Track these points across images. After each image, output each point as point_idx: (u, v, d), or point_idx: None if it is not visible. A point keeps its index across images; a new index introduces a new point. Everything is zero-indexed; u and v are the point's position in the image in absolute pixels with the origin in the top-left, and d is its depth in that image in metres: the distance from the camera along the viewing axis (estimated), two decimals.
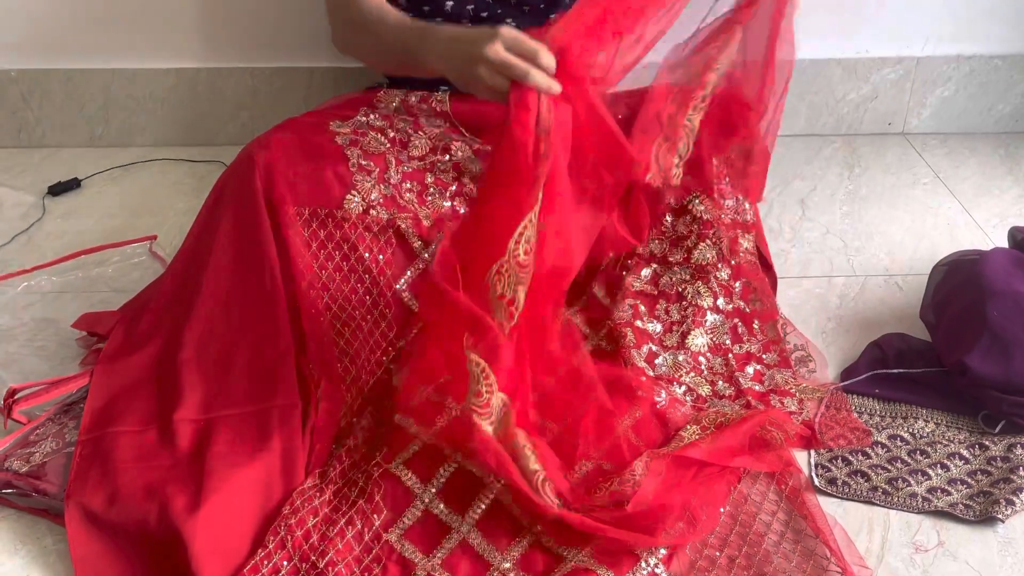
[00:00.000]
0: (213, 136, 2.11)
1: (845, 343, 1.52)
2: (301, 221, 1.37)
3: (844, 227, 1.84)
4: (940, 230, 1.83)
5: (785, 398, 1.38)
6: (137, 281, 1.63)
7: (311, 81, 2.05)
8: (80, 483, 1.21)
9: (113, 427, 1.27)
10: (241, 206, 1.35)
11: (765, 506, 1.22)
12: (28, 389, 1.35)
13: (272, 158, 1.35)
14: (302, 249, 1.35)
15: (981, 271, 1.40)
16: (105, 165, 2.03)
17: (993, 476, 1.26)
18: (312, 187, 1.38)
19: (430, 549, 1.15)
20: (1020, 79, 2.11)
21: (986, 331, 1.34)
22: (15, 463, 1.25)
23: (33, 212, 1.88)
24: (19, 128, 2.10)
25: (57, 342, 1.52)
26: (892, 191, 1.96)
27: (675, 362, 1.42)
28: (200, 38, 2.02)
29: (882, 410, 1.39)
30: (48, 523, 1.22)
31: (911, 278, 1.67)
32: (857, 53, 2.07)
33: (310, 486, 1.21)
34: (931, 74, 2.10)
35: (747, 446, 1.26)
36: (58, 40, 2.01)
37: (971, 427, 1.35)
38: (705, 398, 1.38)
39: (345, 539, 1.15)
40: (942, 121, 2.16)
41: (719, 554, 1.16)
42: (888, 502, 1.24)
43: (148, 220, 1.85)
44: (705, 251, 1.47)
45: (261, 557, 1.13)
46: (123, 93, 2.06)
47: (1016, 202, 1.92)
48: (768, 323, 1.48)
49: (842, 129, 2.16)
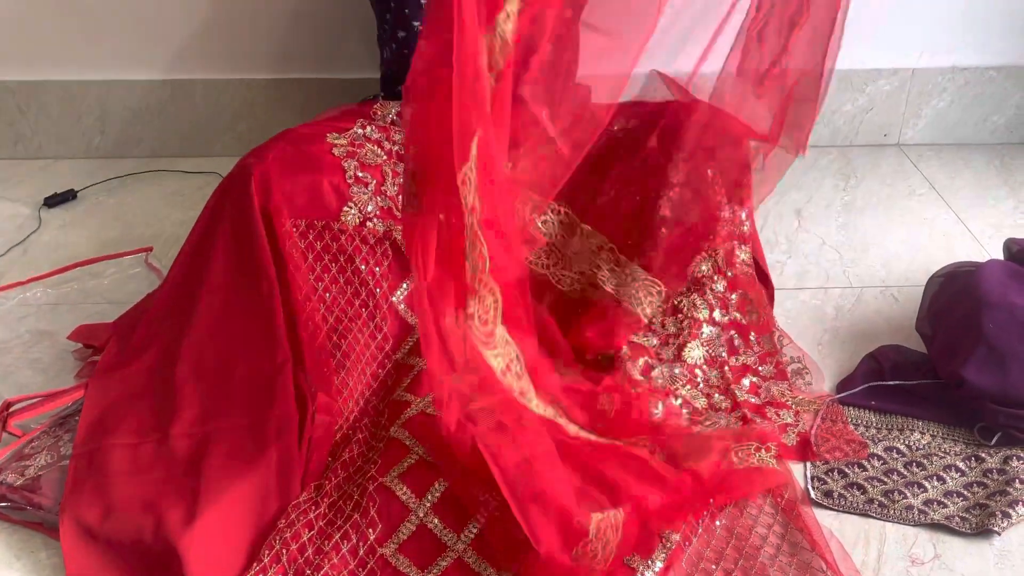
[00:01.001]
0: (210, 147, 2.11)
1: (841, 355, 1.52)
2: (298, 233, 1.37)
3: (840, 238, 1.84)
4: (936, 241, 1.83)
5: (781, 410, 1.38)
6: (133, 293, 1.62)
7: (308, 92, 2.05)
8: (75, 497, 1.20)
9: (108, 440, 1.26)
10: (237, 219, 1.35)
11: (761, 519, 1.22)
12: (23, 402, 1.35)
13: (268, 170, 1.35)
14: (299, 261, 1.35)
15: (977, 283, 1.40)
16: (101, 176, 2.03)
17: (989, 488, 1.26)
18: (309, 199, 1.38)
19: (425, 565, 1.15)
20: (1015, 90, 2.12)
21: (982, 343, 1.34)
22: (10, 476, 1.24)
23: (29, 224, 1.88)
24: (15, 139, 2.10)
25: (52, 354, 1.51)
26: (888, 202, 1.96)
27: (671, 375, 1.42)
28: (197, 50, 2.02)
29: (878, 422, 1.39)
30: (43, 537, 1.21)
31: (907, 289, 1.67)
32: (852, 64, 2.07)
33: (305, 499, 1.20)
34: (926, 85, 2.10)
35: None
36: (55, 51, 2.01)
37: (967, 439, 1.35)
38: (702, 411, 1.38)
39: (340, 553, 1.15)
40: (937, 132, 2.17)
41: (715, 567, 1.16)
42: (884, 515, 1.24)
43: (144, 232, 1.85)
44: (701, 264, 1.47)
45: (256, 570, 1.12)
46: (120, 104, 2.06)
47: (1011, 213, 1.92)
48: (765, 335, 1.48)
49: (838, 140, 2.16)
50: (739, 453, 1.26)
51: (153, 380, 1.33)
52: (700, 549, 1.18)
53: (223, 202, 1.39)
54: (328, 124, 1.51)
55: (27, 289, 1.68)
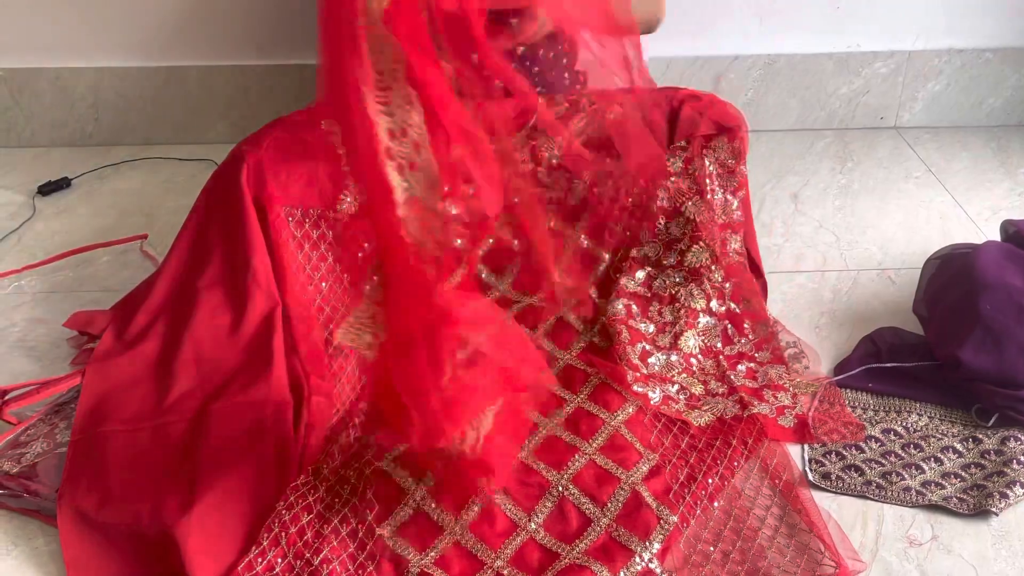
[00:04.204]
0: (203, 134, 2.11)
1: (838, 337, 1.52)
2: (293, 222, 1.36)
3: (837, 221, 1.84)
4: (932, 224, 1.83)
5: (779, 392, 1.38)
6: (128, 280, 1.62)
7: (302, 79, 2.04)
8: (72, 483, 1.20)
9: (105, 427, 1.26)
10: (230, 208, 1.35)
11: (759, 501, 1.22)
12: (19, 390, 1.34)
13: (262, 158, 1.35)
14: (293, 250, 1.35)
15: (973, 264, 1.40)
16: (95, 164, 2.02)
17: (987, 469, 1.27)
18: (304, 187, 1.38)
19: (423, 547, 1.15)
20: (1011, 72, 2.11)
21: (979, 324, 1.34)
22: (6, 464, 1.24)
23: (23, 212, 1.88)
24: (8, 127, 2.09)
25: (48, 342, 1.51)
26: (884, 185, 1.96)
27: (668, 362, 1.42)
28: (190, 36, 2.01)
29: (875, 404, 1.39)
30: (40, 524, 1.21)
31: (904, 272, 1.67)
32: (848, 47, 2.07)
33: (304, 483, 1.20)
34: (922, 68, 2.10)
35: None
36: (47, 39, 2.00)
37: (964, 420, 1.35)
38: (699, 396, 1.38)
39: (340, 536, 1.15)
40: (934, 115, 2.16)
41: (713, 549, 1.16)
42: (882, 496, 1.24)
43: (138, 219, 1.84)
44: (699, 253, 1.47)
45: (255, 554, 1.12)
46: (113, 92, 2.05)
47: (1008, 195, 1.92)
48: (759, 322, 1.48)
49: (834, 124, 2.16)
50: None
51: (153, 372, 1.33)
52: (698, 531, 1.18)
53: (216, 191, 1.39)
54: (323, 111, 1.50)
55: (21, 277, 1.68)
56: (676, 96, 1.50)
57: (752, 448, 1.29)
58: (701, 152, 1.47)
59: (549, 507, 1.19)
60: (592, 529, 1.16)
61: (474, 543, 1.15)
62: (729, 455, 1.27)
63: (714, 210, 1.48)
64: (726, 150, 1.48)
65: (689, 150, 1.46)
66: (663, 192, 1.48)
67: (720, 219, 1.49)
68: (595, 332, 1.45)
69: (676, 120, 1.48)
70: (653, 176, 1.47)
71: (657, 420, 1.32)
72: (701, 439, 1.30)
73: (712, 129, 1.47)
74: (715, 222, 1.48)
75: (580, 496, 1.20)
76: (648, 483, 1.21)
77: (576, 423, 1.30)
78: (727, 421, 1.33)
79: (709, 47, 2.06)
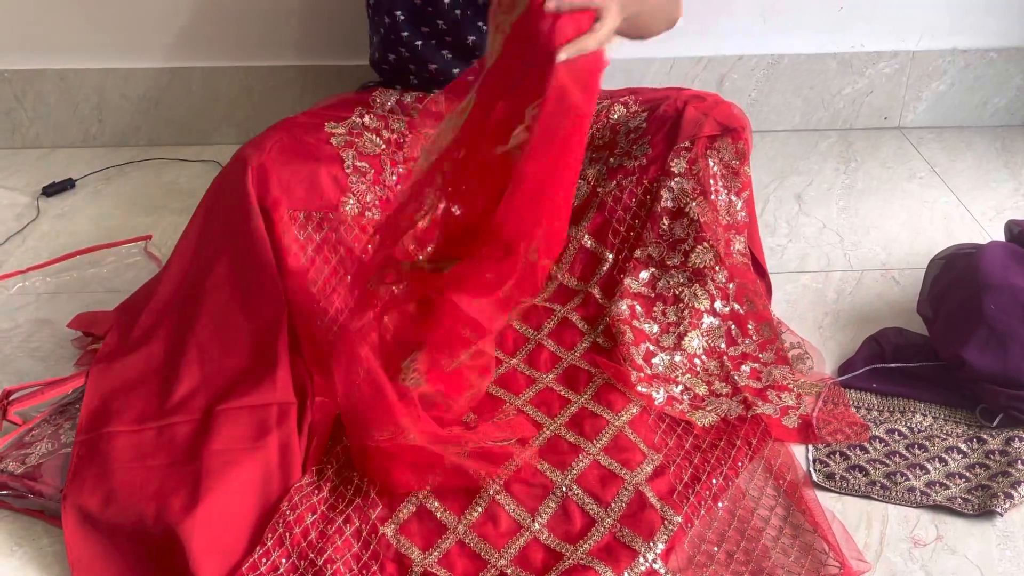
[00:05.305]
0: (207, 136, 2.11)
1: (842, 338, 1.52)
2: (296, 225, 1.37)
3: (840, 222, 1.83)
4: (936, 224, 1.83)
5: (783, 393, 1.38)
6: (132, 281, 1.62)
7: (306, 80, 2.05)
8: (77, 484, 1.20)
9: (109, 427, 1.26)
10: (235, 210, 1.35)
11: (763, 501, 1.22)
12: (23, 390, 1.35)
13: (266, 160, 1.35)
14: (297, 252, 1.35)
15: (978, 265, 1.39)
16: (99, 165, 2.02)
17: (991, 470, 1.26)
18: (307, 190, 1.38)
19: (427, 546, 1.15)
20: (1015, 72, 2.11)
21: (983, 325, 1.34)
22: (10, 465, 1.24)
23: (27, 213, 1.88)
24: (13, 129, 2.09)
25: (52, 343, 1.51)
26: (888, 185, 1.96)
27: (672, 363, 1.42)
28: (194, 37, 2.01)
29: (880, 404, 1.38)
30: (44, 524, 1.21)
31: (908, 272, 1.67)
32: (852, 47, 2.07)
33: (307, 483, 1.21)
34: (926, 68, 2.10)
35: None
36: (52, 40, 2.01)
37: (969, 421, 1.35)
38: (703, 397, 1.38)
39: (344, 536, 1.15)
40: (937, 115, 2.16)
41: (717, 549, 1.16)
42: (886, 497, 1.24)
43: (143, 220, 1.85)
44: (703, 254, 1.47)
45: (260, 555, 1.12)
46: (117, 93, 2.06)
47: (1012, 195, 1.92)
48: (762, 323, 1.48)
49: (838, 124, 2.16)
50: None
51: (158, 373, 1.33)
52: (702, 531, 1.18)
53: (220, 194, 1.39)
54: (326, 113, 1.51)
55: (26, 278, 1.68)
56: (680, 96, 1.50)
57: (756, 448, 1.29)
58: (705, 153, 1.47)
59: (553, 507, 1.19)
60: (596, 529, 1.16)
61: (478, 543, 1.15)
62: (733, 455, 1.27)
63: (718, 211, 1.48)
64: (730, 151, 1.48)
65: (693, 151, 1.46)
66: (667, 192, 1.48)
67: (724, 220, 1.49)
68: (599, 333, 1.45)
69: (680, 120, 1.47)
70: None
71: (661, 420, 1.32)
72: (705, 439, 1.30)
73: (716, 130, 1.47)
74: (719, 223, 1.48)
75: (584, 496, 1.20)
76: (652, 483, 1.21)
77: (580, 423, 1.30)
78: (731, 421, 1.33)
79: (713, 47, 2.06)
